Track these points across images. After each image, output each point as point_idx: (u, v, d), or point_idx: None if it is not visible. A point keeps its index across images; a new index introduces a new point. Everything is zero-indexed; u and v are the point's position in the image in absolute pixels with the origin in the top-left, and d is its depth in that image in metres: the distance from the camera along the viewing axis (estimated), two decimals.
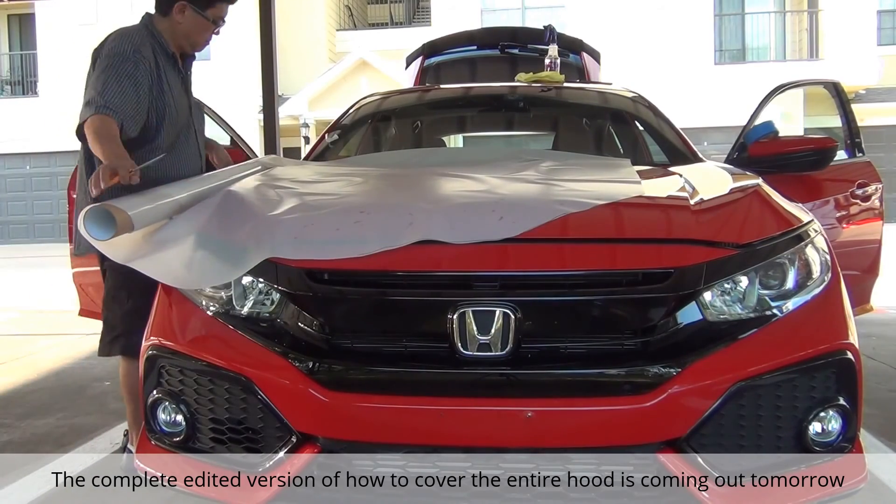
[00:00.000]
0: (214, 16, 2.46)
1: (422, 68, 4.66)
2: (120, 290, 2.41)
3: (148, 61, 2.34)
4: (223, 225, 1.93)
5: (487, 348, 1.63)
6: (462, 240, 1.70)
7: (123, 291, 2.39)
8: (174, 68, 2.48)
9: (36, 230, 18.21)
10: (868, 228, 3.32)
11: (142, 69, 2.31)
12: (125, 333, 2.39)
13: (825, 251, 1.86)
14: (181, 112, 2.49)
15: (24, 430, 3.18)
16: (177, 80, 2.49)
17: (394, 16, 19.53)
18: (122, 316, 2.40)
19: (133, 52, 2.31)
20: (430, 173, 2.38)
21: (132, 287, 2.34)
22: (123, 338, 2.40)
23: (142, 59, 2.32)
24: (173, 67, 2.47)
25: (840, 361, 1.71)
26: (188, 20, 2.43)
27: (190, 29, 2.45)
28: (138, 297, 2.32)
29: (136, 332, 2.33)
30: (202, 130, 2.67)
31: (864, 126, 4.74)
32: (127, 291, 2.38)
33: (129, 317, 2.37)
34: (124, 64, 2.29)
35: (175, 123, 2.44)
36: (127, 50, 2.31)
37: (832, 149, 2.81)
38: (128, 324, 2.38)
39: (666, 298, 1.67)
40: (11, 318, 6.51)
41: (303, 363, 1.70)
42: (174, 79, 2.47)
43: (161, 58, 2.41)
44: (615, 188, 2.05)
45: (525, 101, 3.55)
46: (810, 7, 16.60)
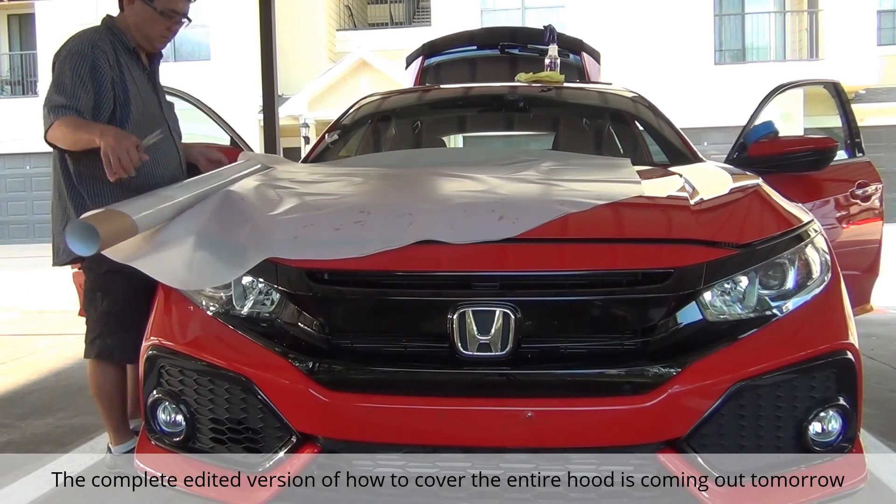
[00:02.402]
0: (163, 7, 2.38)
1: (422, 68, 4.66)
2: (95, 291, 2.38)
3: (107, 55, 2.31)
4: (223, 225, 1.93)
5: (487, 348, 1.63)
6: (462, 240, 1.70)
7: (98, 293, 2.37)
8: (137, 64, 2.44)
9: (36, 230, 18.20)
10: (868, 228, 3.32)
11: (101, 63, 2.28)
12: (101, 336, 2.38)
13: (825, 251, 1.86)
14: (149, 107, 2.45)
15: (24, 430, 3.18)
16: (141, 76, 2.45)
17: (394, 16, 19.53)
18: (97, 318, 2.38)
19: (91, 48, 2.29)
20: (430, 173, 2.38)
21: (107, 288, 2.34)
22: (100, 340, 2.38)
23: (101, 52, 2.30)
24: (136, 63, 2.44)
25: (840, 361, 1.71)
26: (137, 12, 2.40)
27: (139, 21, 2.40)
28: (112, 300, 2.34)
29: (110, 335, 2.35)
30: (176, 129, 2.62)
31: (864, 126, 4.75)
32: (102, 293, 2.36)
33: (103, 318, 2.36)
34: (81, 62, 2.26)
35: (144, 117, 2.40)
36: (84, 48, 2.28)
37: (832, 149, 2.81)
38: (102, 325, 2.37)
39: (666, 298, 1.67)
40: (11, 318, 6.52)
41: (303, 363, 1.70)
42: (138, 74, 2.44)
43: (122, 52, 2.38)
44: (615, 188, 2.05)
45: (525, 101, 3.55)
46: (810, 7, 16.60)
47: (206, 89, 7.81)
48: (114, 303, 2.34)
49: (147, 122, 2.39)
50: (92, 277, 2.39)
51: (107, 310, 2.35)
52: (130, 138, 2.12)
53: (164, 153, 2.47)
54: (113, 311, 2.35)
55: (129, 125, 2.33)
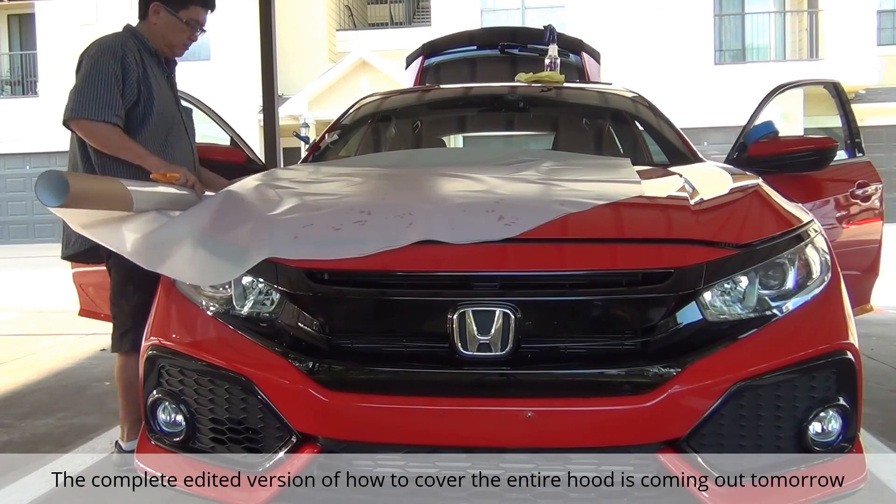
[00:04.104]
0: (188, 17, 2.53)
1: (422, 68, 4.66)
2: (126, 284, 2.44)
3: (133, 53, 2.45)
4: (223, 225, 1.93)
5: (487, 348, 1.63)
6: (462, 240, 1.70)
7: (130, 286, 2.43)
8: (159, 66, 2.57)
9: (36, 230, 18.21)
10: (868, 228, 3.32)
11: (129, 59, 2.41)
12: (135, 327, 2.39)
13: (825, 251, 1.86)
14: (169, 107, 2.56)
15: (24, 430, 3.18)
16: (162, 78, 2.57)
17: (394, 16, 19.54)
18: (131, 311, 2.43)
19: (121, 45, 2.43)
20: (430, 173, 2.38)
21: (138, 281, 2.35)
22: (133, 331, 2.40)
23: (129, 50, 2.43)
24: (158, 65, 2.57)
25: (840, 361, 1.71)
26: (162, 21, 2.52)
27: (165, 30, 2.53)
28: (145, 291, 2.33)
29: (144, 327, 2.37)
30: (192, 129, 2.73)
31: (864, 126, 4.75)
32: (134, 286, 2.41)
33: (138, 311, 2.37)
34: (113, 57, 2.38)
35: (164, 116, 2.52)
36: (115, 45, 2.42)
37: (832, 149, 2.81)
38: (137, 318, 2.38)
39: (666, 298, 1.66)
40: (11, 318, 6.52)
41: (303, 363, 1.70)
42: (160, 75, 2.56)
43: (146, 54, 2.51)
44: (615, 188, 2.05)
45: (525, 101, 3.55)
46: (810, 7, 16.60)
47: (206, 89, 7.80)
48: (147, 294, 2.32)
49: (167, 121, 2.54)
50: (122, 272, 2.44)
51: (140, 301, 2.35)
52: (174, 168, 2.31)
53: (180, 150, 2.59)
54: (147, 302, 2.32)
55: (152, 119, 2.47)
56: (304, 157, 3.26)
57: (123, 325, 2.47)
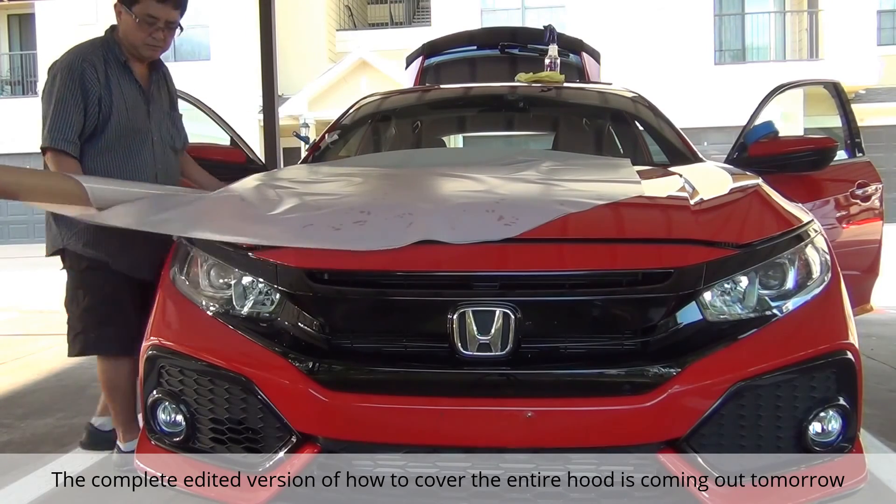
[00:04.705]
0: (140, 13, 2.41)
1: (422, 68, 4.66)
2: (77, 289, 2.45)
3: (96, 68, 2.39)
4: (222, 224, 1.93)
5: (487, 348, 1.63)
6: (462, 240, 1.70)
7: (80, 290, 2.44)
8: (127, 77, 2.48)
9: (36, 230, 18.19)
10: (868, 228, 3.32)
11: (89, 76, 2.36)
12: (83, 331, 2.44)
13: (825, 251, 1.86)
14: (136, 118, 2.48)
15: (24, 430, 3.18)
16: (131, 88, 2.48)
17: (394, 16, 19.54)
18: (80, 314, 2.44)
19: (81, 62, 2.37)
20: (430, 173, 2.38)
21: (88, 285, 2.42)
22: (83, 335, 2.44)
23: (89, 66, 2.38)
24: (127, 76, 2.48)
25: (840, 361, 1.71)
26: (123, 22, 2.46)
27: (126, 31, 2.46)
28: (93, 296, 2.41)
29: (92, 330, 2.43)
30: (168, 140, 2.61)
31: (864, 126, 4.75)
32: (83, 290, 2.43)
33: (87, 314, 2.42)
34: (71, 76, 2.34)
35: (125, 128, 2.45)
36: (75, 62, 2.37)
37: (832, 149, 2.81)
38: (85, 322, 2.43)
39: (666, 298, 1.66)
40: (11, 318, 6.51)
41: (303, 363, 1.70)
42: (128, 87, 2.47)
43: (112, 65, 2.44)
44: (615, 188, 2.05)
45: (525, 101, 3.55)
46: (810, 7, 16.60)
47: (206, 89, 7.80)
48: (95, 299, 2.41)
49: (129, 132, 2.47)
50: (73, 275, 2.46)
51: (89, 305, 2.42)
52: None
53: (139, 162, 2.49)
54: (95, 307, 2.42)
55: (108, 132, 2.42)
56: (304, 157, 3.25)
57: (74, 329, 2.47)
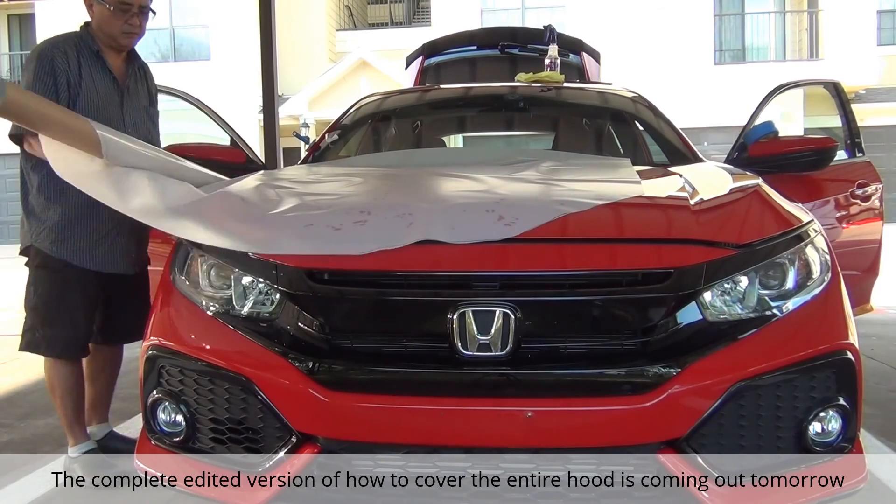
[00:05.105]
0: (113, 1, 2.41)
1: (422, 68, 4.66)
2: (29, 285, 2.49)
3: (67, 56, 2.40)
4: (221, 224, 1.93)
5: (487, 348, 1.63)
6: (462, 240, 1.70)
7: (32, 287, 2.48)
8: (100, 67, 2.49)
9: None
10: (868, 228, 3.32)
11: (59, 62, 2.38)
12: (31, 328, 2.47)
13: (825, 251, 1.86)
14: (107, 107, 2.48)
15: (24, 430, 3.19)
16: (104, 78, 2.49)
17: (394, 16, 19.53)
18: (29, 311, 2.48)
19: (52, 48, 2.40)
20: (430, 173, 2.38)
21: (36, 283, 2.45)
22: (30, 332, 2.47)
23: (60, 53, 2.39)
24: (100, 67, 2.49)
25: (840, 361, 1.71)
26: (97, 14, 2.48)
27: (100, 22, 2.47)
28: (40, 295, 2.45)
29: (38, 329, 2.46)
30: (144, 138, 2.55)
31: (864, 126, 4.75)
32: (34, 287, 2.47)
33: (32, 312, 2.46)
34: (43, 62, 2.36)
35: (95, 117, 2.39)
36: (46, 50, 2.40)
37: (832, 149, 2.81)
38: (32, 319, 2.47)
39: (666, 298, 1.66)
40: (11, 318, 6.50)
41: (303, 363, 1.70)
42: (99, 75, 2.48)
43: (85, 55, 2.45)
44: (615, 188, 2.05)
45: (525, 101, 3.55)
46: (810, 7, 16.60)
47: (206, 89, 7.81)
48: (41, 298, 2.45)
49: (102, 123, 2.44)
50: (29, 272, 2.50)
51: (35, 304, 2.46)
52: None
53: None
54: (40, 306, 2.46)
55: None
56: (304, 157, 3.25)
57: (25, 324, 2.50)
